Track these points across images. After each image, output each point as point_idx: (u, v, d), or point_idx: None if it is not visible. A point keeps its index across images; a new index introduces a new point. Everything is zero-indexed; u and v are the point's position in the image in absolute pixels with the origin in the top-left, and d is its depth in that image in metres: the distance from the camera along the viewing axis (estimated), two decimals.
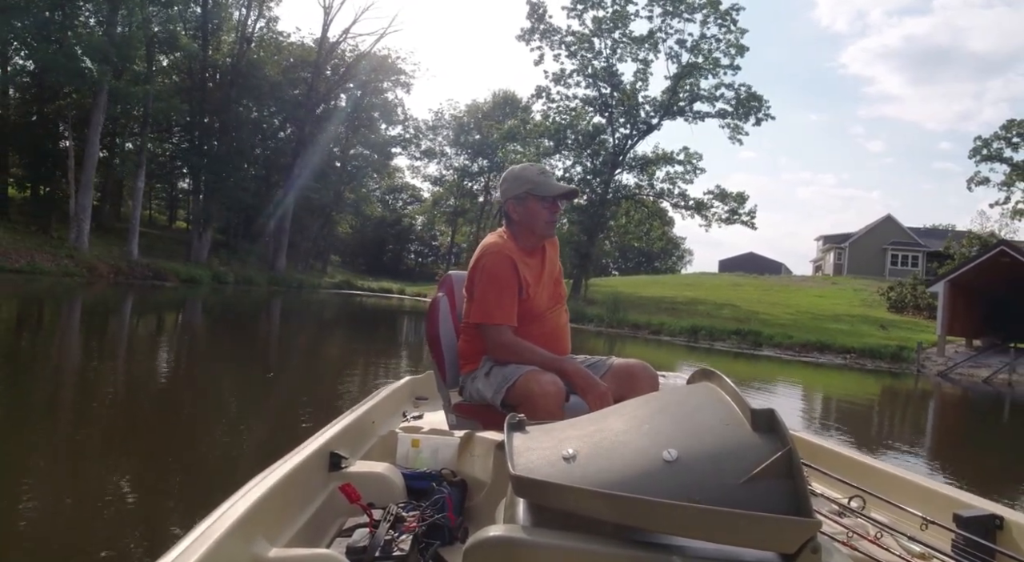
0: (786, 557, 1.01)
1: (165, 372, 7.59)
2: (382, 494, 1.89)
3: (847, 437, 7.23)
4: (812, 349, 18.30)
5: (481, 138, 51.71)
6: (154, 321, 14.04)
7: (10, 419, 4.61)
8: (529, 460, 1.16)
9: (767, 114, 32.60)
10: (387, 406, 2.85)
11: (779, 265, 62.56)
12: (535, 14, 33.89)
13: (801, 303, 30.19)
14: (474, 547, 1.05)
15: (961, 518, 1.74)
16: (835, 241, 48.84)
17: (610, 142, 35.28)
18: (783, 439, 1.05)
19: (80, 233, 23.46)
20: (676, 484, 1.02)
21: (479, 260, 2.22)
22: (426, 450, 2.33)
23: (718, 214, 34.10)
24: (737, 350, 18.88)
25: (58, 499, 3.18)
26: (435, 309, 2.43)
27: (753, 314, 25.96)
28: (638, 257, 69.54)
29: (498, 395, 2.11)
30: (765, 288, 37.40)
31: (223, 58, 34.40)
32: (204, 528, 1.28)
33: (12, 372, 6.38)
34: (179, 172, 40.71)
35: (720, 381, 1.26)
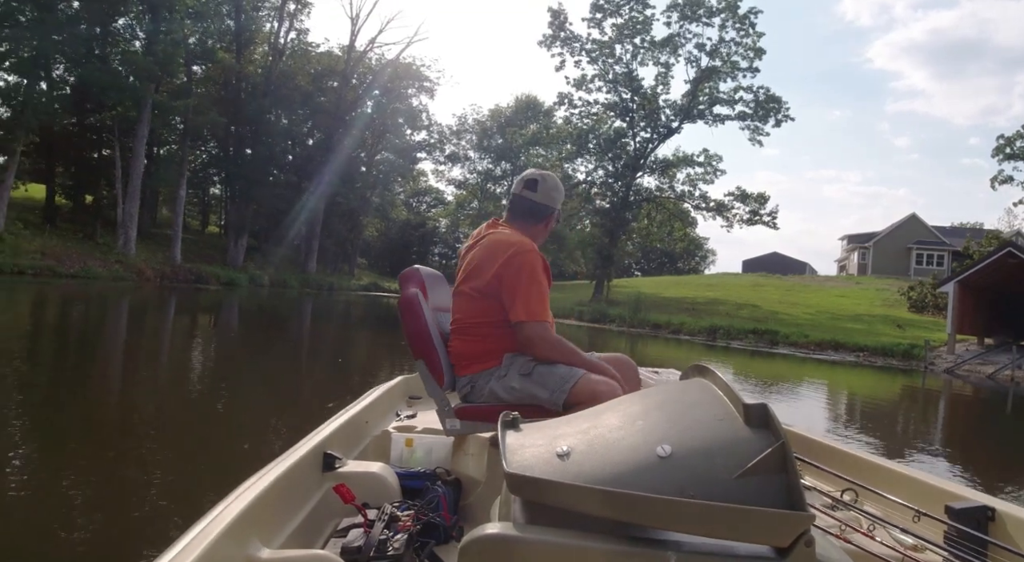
0: (780, 550, 1.02)
1: (241, 360, 8.68)
2: (376, 494, 1.89)
3: (843, 423, 7.91)
4: (827, 347, 18.84)
5: (504, 142, 52.51)
6: (211, 319, 15.31)
7: (109, 398, 5.57)
8: (523, 458, 1.16)
9: (786, 115, 33.02)
10: (380, 406, 2.83)
11: (803, 265, 62.34)
12: (556, 22, 34.64)
13: (822, 303, 30.48)
14: (469, 545, 1.05)
15: (953, 510, 1.76)
16: (859, 241, 48.76)
17: (631, 146, 35.87)
18: (776, 433, 1.06)
19: (127, 239, 24.82)
20: (670, 479, 1.03)
21: (514, 257, 2.13)
22: (420, 449, 2.36)
23: (739, 215, 34.53)
24: (753, 348, 19.47)
25: (122, 473, 4.06)
26: (414, 306, 2.24)
27: (772, 314, 26.39)
28: (661, 258, 69.72)
29: (559, 396, 2.05)
30: (787, 288, 37.63)
31: (256, 69, 35.66)
32: (199, 530, 1.28)
33: (115, 363, 7.40)
34: (212, 179, 42.28)
35: (713, 377, 1.28)
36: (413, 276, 2.43)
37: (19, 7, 23.45)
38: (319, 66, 39.59)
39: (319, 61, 39.75)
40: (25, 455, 3.83)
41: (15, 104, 23.43)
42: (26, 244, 20.78)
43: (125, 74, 25.84)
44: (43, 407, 4.98)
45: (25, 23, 23.33)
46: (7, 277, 17.65)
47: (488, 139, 55.78)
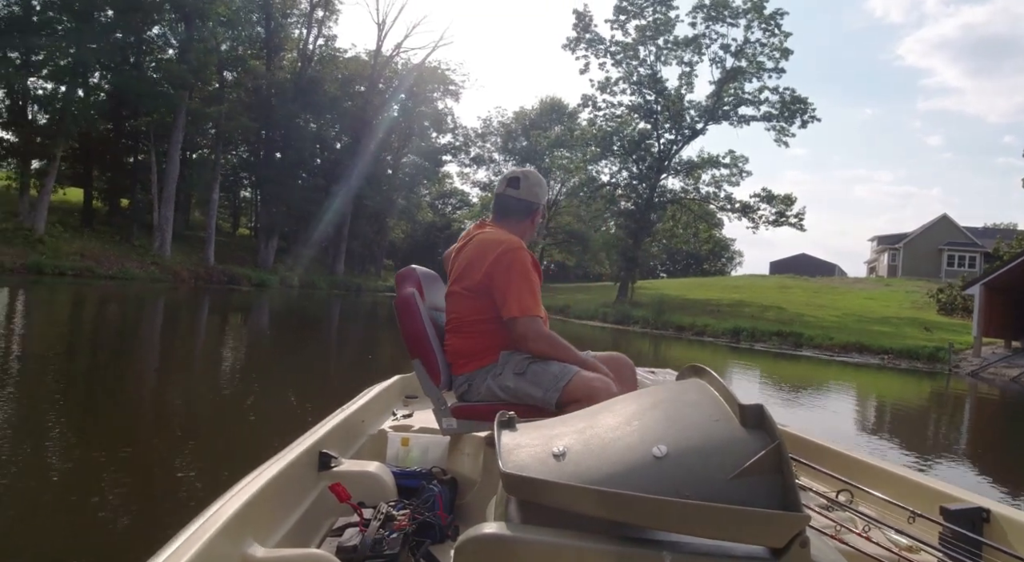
0: (775, 551, 1.03)
1: (279, 356, 9.13)
2: (372, 493, 1.89)
3: (862, 428, 8.02)
4: (851, 350, 18.75)
5: (529, 144, 52.72)
6: (247, 319, 16.01)
7: (164, 386, 5.96)
8: (519, 457, 1.17)
9: (812, 116, 32.76)
10: (376, 405, 2.83)
11: (832, 266, 61.59)
12: (580, 24, 34.79)
13: (850, 305, 30.18)
14: (465, 545, 1.06)
15: (948, 511, 1.76)
16: (889, 242, 48.08)
17: (655, 147, 35.86)
18: (771, 434, 1.06)
19: (163, 241, 25.62)
20: (666, 480, 1.03)
21: (503, 255, 2.16)
22: (416, 449, 2.36)
23: (765, 216, 34.32)
24: (777, 351, 19.45)
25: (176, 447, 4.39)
26: (411, 306, 2.25)
27: (798, 316, 26.24)
28: (686, 259, 69.37)
29: (552, 394, 2.07)
30: (814, 290, 37.27)
31: (285, 75, 36.42)
32: (194, 529, 1.28)
33: (163, 358, 7.84)
34: (243, 182, 43.24)
35: (709, 377, 1.28)
36: (409, 276, 2.43)
37: (57, 17, 24.40)
38: (346, 71, 40.27)
39: (346, 66, 40.43)
40: (78, 436, 4.20)
41: (54, 111, 24.31)
42: (66, 246, 21.58)
43: (160, 81, 26.65)
44: (102, 396, 5.40)
45: (62, 32, 24.26)
46: (49, 277, 18.38)
47: (513, 141, 56.04)
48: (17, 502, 3.11)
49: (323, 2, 36.86)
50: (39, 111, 25.59)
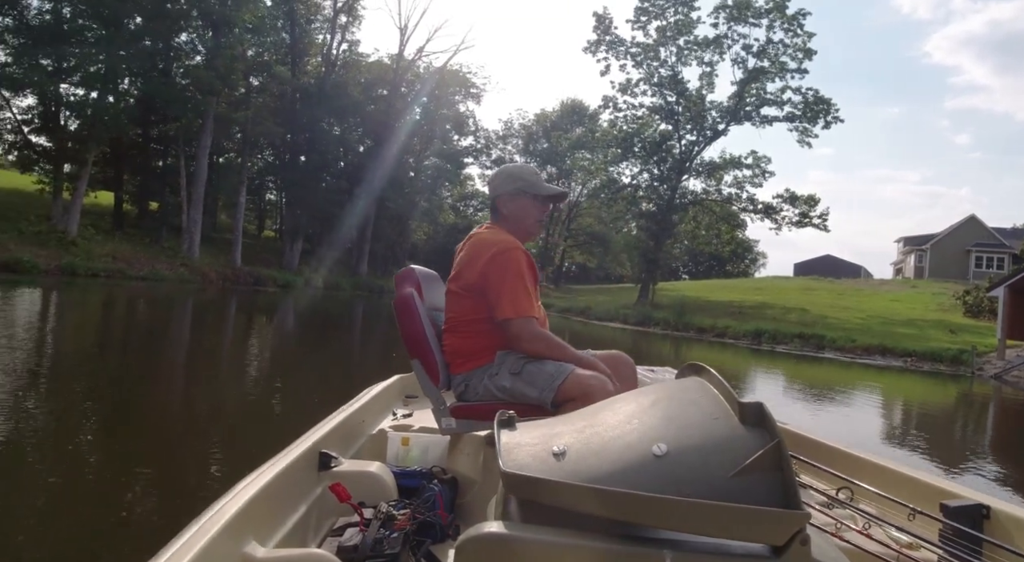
0: (775, 549, 1.03)
1: (307, 353, 9.42)
2: (373, 493, 1.89)
3: (874, 430, 8.05)
4: (874, 352, 18.61)
5: (549, 146, 52.87)
6: (276, 319, 16.48)
7: (209, 377, 6.23)
8: (519, 457, 1.17)
9: (836, 117, 32.51)
10: (376, 405, 2.84)
11: (858, 268, 60.84)
12: (601, 26, 34.88)
13: (875, 308, 29.88)
14: (465, 544, 1.06)
15: (948, 508, 1.77)
16: (916, 243, 47.39)
17: (677, 148, 35.80)
18: (771, 432, 1.07)
19: (192, 243, 26.21)
20: (666, 478, 1.04)
21: (497, 255, 2.18)
22: (416, 448, 2.36)
23: (788, 217, 34.10)
24: (799, 353, 19.37)
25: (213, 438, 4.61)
26: (410, 306, 2.26)
27: (821, 318, 26.04)
28: (709, 261, 68.91)
29: (547, 394, 2.08)
30: (839, 292, 36.92)
31: (309, 80, 37.00)
32: (195, 529, 1.28)
33: (199, 354, 8.15)
34: (268, 185, 43.95)
35: (709, 375, 1.28)
36: (409, 276, 2.43)
37: (87, 25, 25.11)
38: (369, 75, 40.76)
39: (369, 70, 40.93)
40: (118, 425, 4.46)
41: (85, 116, 24.99)
42: (98, 248, 22.16)
43: (188, 87, 27.26)
44: (145, 388, 5.67)
45: (92, 39, 24.95)
46: (82, 279, 18.93)
47: (534, 143, 56.23)
48: (54, 490, 3.34)
49: (346, 8, 37.39)
50: (70, 117, 26.30)
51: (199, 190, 27.04)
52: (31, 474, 3.50)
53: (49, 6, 25.45)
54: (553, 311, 33.81)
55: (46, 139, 26.71)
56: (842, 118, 32.78)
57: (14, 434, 4.09)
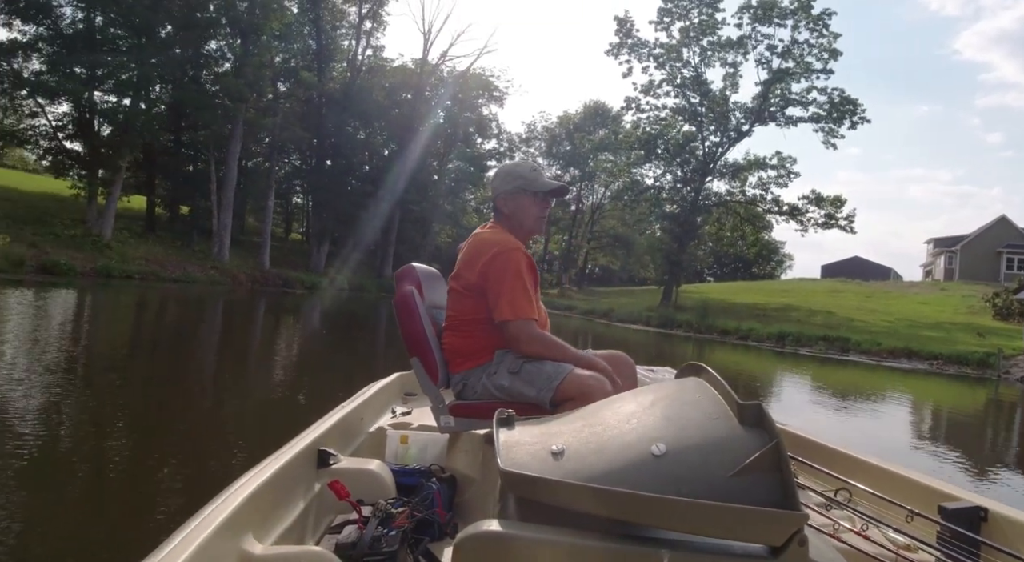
0: (773, 549, 1.03)
1: (339, 349, 9.73)
2: (371, 490, 1.89)
3: (895, 435, 8.07)
4: (899, 355, 18.44)
5: (572, 149, 52.95)
6: (306, 318, 16.99)
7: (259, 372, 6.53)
8: (518, 455, 1.17)
9: (862, 117, 32.16)
10: (376, 403, 2.85)
11: (887, 270, 59.95)
12: (623, 29, 34.91)
13: (902, 310, 29.50)
14: (464, 542, 1.06)
15: (946, 510, 1.77)
16: (946, 244, 46.58)
17: (700, 150, 35.67)
18: (770, 433, 1.07)
19: (222, 246, 26.82)
20: (665, 478, 1.04)
21: (497, 256, 2.18)
22: (415, 446, 2.36)
23: (814, 219, 33.78)
24: (823, 356, 19.26)
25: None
26: (410, 304, 2.26)
27: (847, 321, 25.79)
28: (734, 263, 68.38)
29: (546, 393, 2.08)
30: (867, 295, 36.48)
31: (335, 85, 37.58)
32: (193, 526, 1.28)
33: (238, 350, 8.49)
34: (295, 189, 44.70)
35: (708, 376, 1.29)
36: (409, 274, 2.43)
37: (119, 34, 25.86)
38: (394, 80, 41.25)
39: (394, 75, 41.41)
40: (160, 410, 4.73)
41: (118, 123, 25.70)
42: (132, 251, 22.76)
43: (217, 94, 27.88)
44: (185, 379, 5.97)
45: (124, 48, 25.67)
46: (117, 281, 19.49)
47: (556, 146, 56.35)
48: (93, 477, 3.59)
49: (371, 14, 37.91)
50: (103, 123, 27.07)
51: (229, 195, 27.65)
52: (72, 458, 3.76)
53: (82, 15, 26.30)
54: (576, 313, 33.88)
55: (80, 145, 27.54)
56: (869, 118, 32.45)
57: (66, 422, 4.38)
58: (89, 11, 25.83)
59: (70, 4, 26.16)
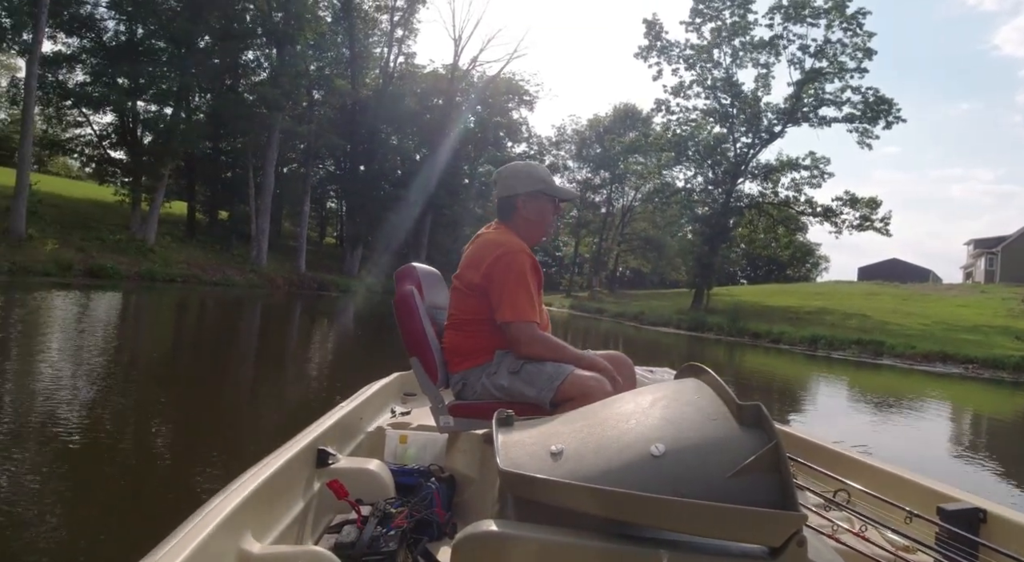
0: (772, 550, 1.03)
1: (373, 348, 10.10)
2: (370, 490, 1.89)
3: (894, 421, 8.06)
4: (934, 359, 18.17)
5: (603, 151, 52.94)
6: (343, 319, 17.60)
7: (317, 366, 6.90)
8: (517, 455, 1.17)
9: (897, 117, 31.61)
10: (375, 402, 2.84)
11: (926, 272, 58.63)
12: (651, 32, 34.88)
13: (940, 313, 28.91)
14: (463, 542, 1.06)
15: (945, 511, 1.78)
16: (986, 245, 45.46)
17: (731, 151, 35.41)
18: (769, 433, 1.07)
19: (260, 251, 27.57)
20: (664, 478, 1.04)
21: (502, 257, 2.18)
22: (414, 446, 2.37)
23: (848, 221, 33.28)
24: (856, 359, 19.06)
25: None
26: (410, 303, 2.25)
27: (882, 324, 25.41)
28: (768, 265, 67.52)
29: (546, 394, 2.08)
30: (903, 297, 35.78)
31: (368, 92, 38.30)
32: (192, 524, 1.28)
33: (281, 348, 8.92)
34: (329, 194, 45.57)
35: (708, 376, 1.29)
36: (409, 274, 2.43)
37: (159, 45, 26.82)
38: (425, 85, 41.84)
39: (425, 81, 42.00)
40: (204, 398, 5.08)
41: (159, 132, 26.64)
42: (174, 255, 23.54)
43: (255, 103, 28.68)
44: (242, 372, 6.35)
45: (165, 58, 26.61)
46: (161, 284, 20.22)
47: (587, 148, 56.38)
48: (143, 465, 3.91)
49: (403, 22, 38.56)
50: (145, 132, 28.08)
51: (266, 200, 28.41)
52: (122, 444, 4.10)
53: (124, 27, 27.36)
54: (606, 316, 33.96)
55: (124, 153, 28.60)
56: (904, 118, 31.87)
57: (119, 412, 4.74)
58: (131, 23, 26.88)
59: (112, 17, 27.31)
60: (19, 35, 21.11)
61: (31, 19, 20.16)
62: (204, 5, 26.04)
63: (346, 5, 33.69)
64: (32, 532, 2.76)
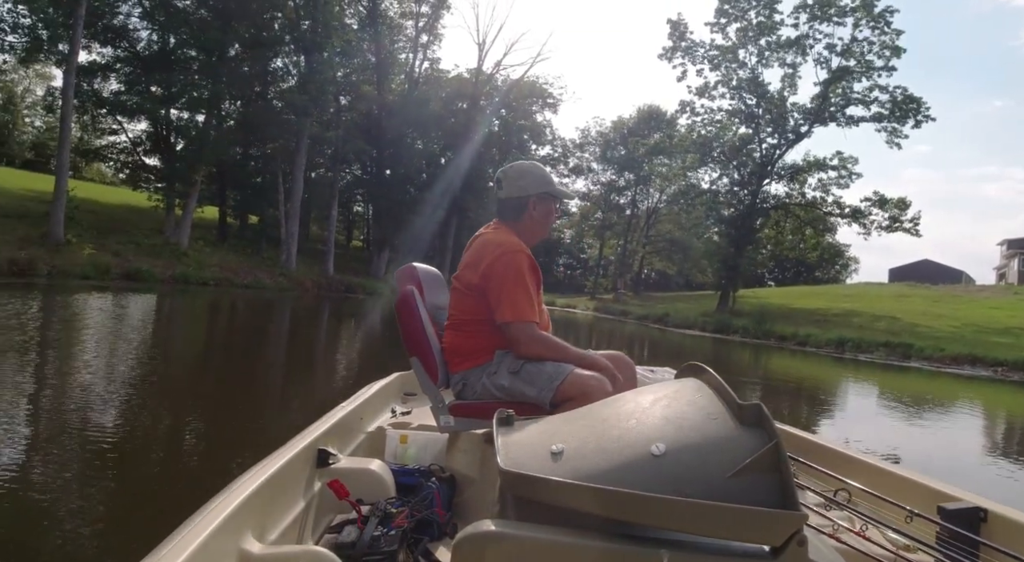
0: (773, 550, 1.03)
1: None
2: (371, 490, 1.89)
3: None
4: (963, 361, 17.92)
5: (627, 153, 52.88)
6: (370, 321, 18.03)
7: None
8: (517, 455, 1.17)
9: (926, 116, 31.12)
10: (375, 402, 2.85)
11: (958, 273, 57.50)
12: (676, 32, 34.78)
13: (971, 315, 28.41)
14: (463, 542, 1.06)
15: (946, 511, 1.78)
16: (1020, 246, 44.54)
17: (757, 152, 35.15)
18: (770, 433, 1.07)
19: (289, 254, 28.13)
20: (664, 478, 1.04)
21: (500, 258, 2.18)
22: (414, 446, 2.37)
23: (877, 222, 32.84)
24: (883, 362, 18.88)
25: None
26: (411, 304, 2.26)
27: (911, 327, 25.08)
28: (796, 267, 66.67)
29: (546, 393, 2.08)
30: (934, 299, 35.20)
31: (393, 97, 38.83)
32: (193, 524, 1.28)
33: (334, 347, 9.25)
34: (356, 198, 46.22)
35: (708, 376, 1.29)
36: (410, 274, 2.44)
37: (190, 54, 27.51)
38: (449, 90, 42.25)
39: (449, 85, 42.43)
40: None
41: (191, 139, 27.35)
42: (207, 259, 24.13)
43: (284, 110, 29.28)
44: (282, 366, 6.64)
45: (196, 67, 27.31)
46: (194, 286, 20.77)
47: (611, 150, 56.35)
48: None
49: (428, 28, 39.01)
50: (178, 139, 28.84)
51: (295, 205, 28.95)
52: (162, 430, 4.36)
53: (157, 37, 28.17)
54: (630, 318, 33.95)
55: (157, 160, 29.42)
56: (933, 117, 31.36)
57: (160, 406, 5.03)
58: (163, 33, 27.67)
59: (145, 27, 28.15)
60: (56, 46, 21.87)
61: (67, 31, 20.85)
62: (234, 14, 26.73)
63: (372, 12, 34.20)
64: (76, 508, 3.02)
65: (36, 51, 22.32)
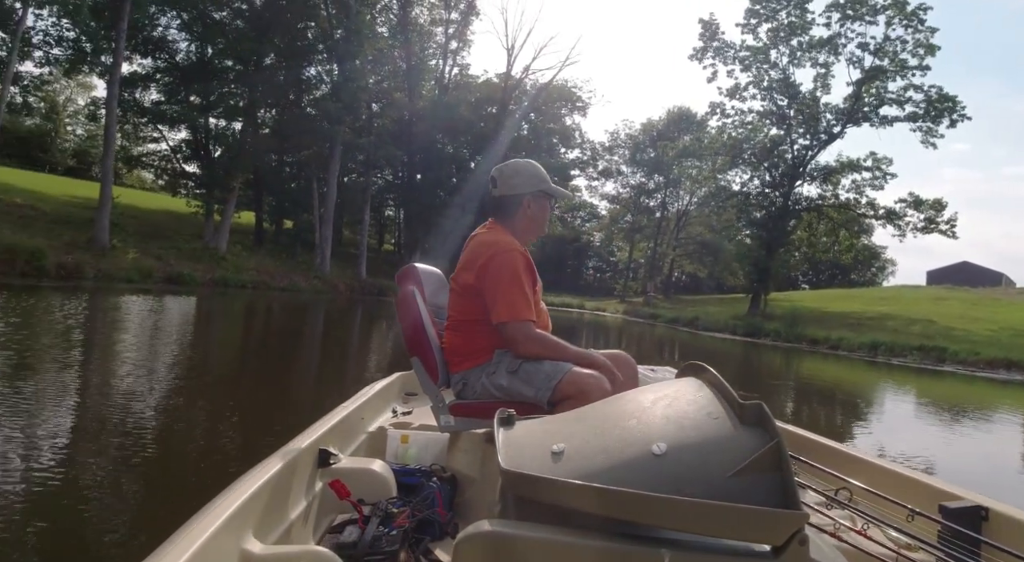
0: (774, 549, 1.04)
1: None
2: (372, 490, 1.89)
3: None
4: (998, 365, 17.60)
5: (656, 156, 52.73)
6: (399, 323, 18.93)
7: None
8: (518, 454, 1.17)
9: (962, 115, 30.51)
10: (377, 402, 2.85)
11: (998, 275, 56.07)
12: (707, 32, 34.66)
13: (1010, 319, 27.75)
14: (464, 542, 1.07)
15: (947, 509, 1.77)
16: None
17: (789, 153, 34.81)
18: (771, 432, 1.07)
19: (323, 258, 28.78)
20: (665, 477, 1.04)
21: (494, 257, 2.18)
22: (415, 446, 2.37)
23: (912, 223, 32.29)
24: (917, 366, 18.64)
25: None
26: (411, 304, 2.26)
27: (947, 330, 24.61)
28: (831, 269, 65.61)
29: (544, 393, 2.07)
30: (972, 302, 34.43)
31: (424, 103, 39.38)
32: (194, 525, 1.28)
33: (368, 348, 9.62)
34: (387, 202, 46.92)
35: (709, 375, 1.29)
36: (410, 274, 2.45)
37: (227, 64, 28.34)
38: (479, 94, 42.68)
39: (479, 90, 42.86)
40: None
41: (229, 146, 28.15)
42: (245, 263, 24.83)
43: (317, 117, 29.98)
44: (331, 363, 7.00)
45: (233, 76, 28.12)
46: (233, 289, 21.43)
47: (640, 153, 56.25)
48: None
49: (457, 34, 39.53)
50: (216, 146, 29.71)
51: (330, 210, 29.59)
52: (199, 416, 4.68)
53: (195, 48, 29.08)
54: (660, 322, 33.87)
55: (197, 167, 30.32)
56: (969, 115, 30.72)
57: (199, 398, 5.37)
58: (202, 44, 28.57)
59: (184, 38, 29.08)
60: (98, 58, 22.76)
61: (109, 43, 21.67)
62: (269, 25, 27.48)
63: (403, 20, 34.80)
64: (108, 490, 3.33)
65: (80, 63, 23.26)
